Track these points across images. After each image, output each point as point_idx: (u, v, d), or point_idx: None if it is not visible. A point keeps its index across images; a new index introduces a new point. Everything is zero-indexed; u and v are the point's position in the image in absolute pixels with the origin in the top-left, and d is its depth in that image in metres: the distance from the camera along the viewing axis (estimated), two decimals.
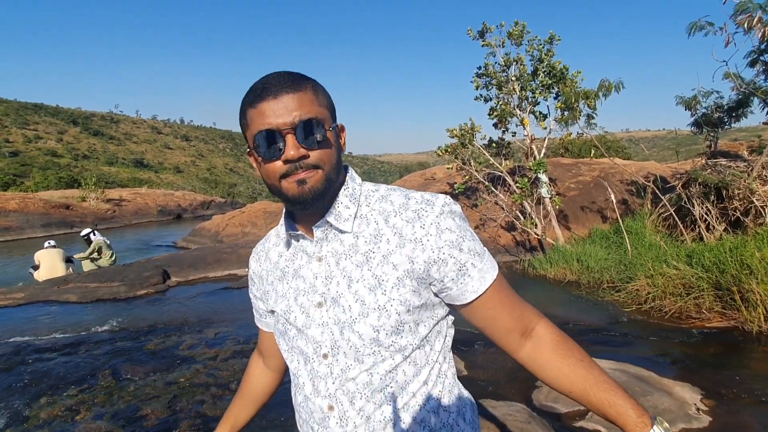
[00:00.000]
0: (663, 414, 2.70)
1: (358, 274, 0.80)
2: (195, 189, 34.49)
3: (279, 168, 0.76)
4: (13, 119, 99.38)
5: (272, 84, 0.75)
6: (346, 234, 0.83)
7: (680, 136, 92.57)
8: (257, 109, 0.75)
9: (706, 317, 4.29)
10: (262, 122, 0.75)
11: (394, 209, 0.83)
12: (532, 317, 0.86)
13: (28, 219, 15.98)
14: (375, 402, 0.81)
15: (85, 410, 3.10)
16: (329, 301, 0.82)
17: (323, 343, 0.83)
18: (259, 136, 0.75)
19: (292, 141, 0.74)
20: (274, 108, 0.74)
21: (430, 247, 0.79)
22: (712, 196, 5.88)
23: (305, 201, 0.78)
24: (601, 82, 6.35)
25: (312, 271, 0.85)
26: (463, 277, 0.81)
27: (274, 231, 0.97)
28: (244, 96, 0.79)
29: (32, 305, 5.85)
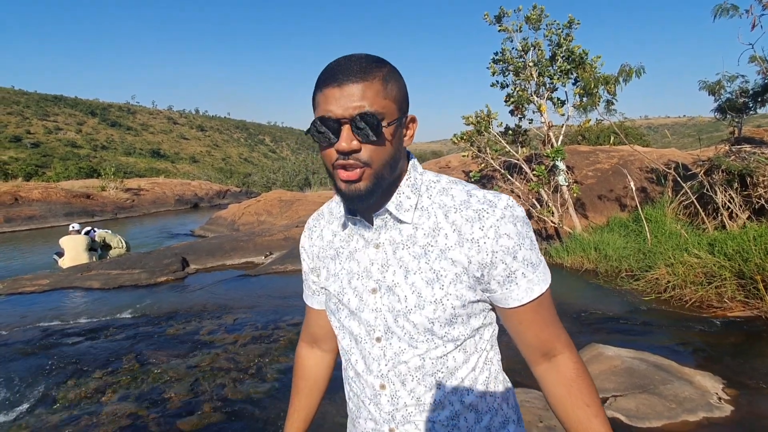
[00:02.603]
0: (684, 403, 2.67)
1: (416, 266, 0.82)
2: (211, 178, 34.83)
3: (331, 156, 0.77)
4: (34, 111, 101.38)
5: (341, 70, 0.75)
6: (405, 224, 0.84)
7: (702, 123, 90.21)
8: (323, 93, 0.76)
9: (727, 306, 4.21)
10: (324, 108, 0.75)
11: (454, 205, 0.83)
12: (558, 345, 0.85)
13: (50, 208, 16.36)
14: (425, 385, 0.84)
15: (110, 392, 3.20)
16: (384, 288, 0.84)
17: (376, 327, 0.85)
18: (317, 122, 0.76)
19: (347, 132, 0.74)
20: (337, 96, 0.74)
21: (485, 250, 0.79)
22: (735, 184, 5.74)
23: (351, 199, 0.79)
24: (622, 67, 6.21)
25: (368, 256, 0.86)
26: (510, 284, 0.81)
27: (327, 208, 0.98)
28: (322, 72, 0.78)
29: (57, 291, 6.02)
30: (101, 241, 8.07)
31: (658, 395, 2.75)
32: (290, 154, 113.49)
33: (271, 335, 4.15)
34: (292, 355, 3.74)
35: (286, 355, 3.75)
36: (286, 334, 4.16)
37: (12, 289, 6.03)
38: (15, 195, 16.17)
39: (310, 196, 14.37)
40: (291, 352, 3.81)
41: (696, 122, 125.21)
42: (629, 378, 2.94)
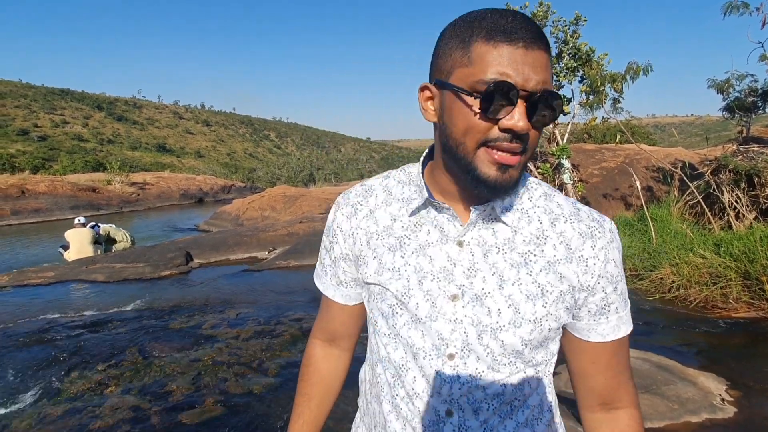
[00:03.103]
0: (686, 403, 2.66)
1: (514, 276, 0.69)
2: (216, 173, 34.95)
3: (486, 130, 0.62)
4: (41, 104, 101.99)
5: (523, 28, 0.60)
6: (503, 225, 0.71)
7: (709, 122, 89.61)
8: (498, 49, 0.59)
9: (732, 307, 4.18)
10: (498, 69, 0.59)
11: (563, 214, 0.73)
12: (625, 397, 0.77)
13: (56, 201, 16.46)
14: (500, 415, 0.73)
15: (114, 385, 3.22)
16: (469, 296, 0.70)
17: (452, 342, 0.71)
18: (494, 86, 0.58)
19: (523, 109, 0.60)
20: (523, 60, 0.59)
21: (591, 272, 0.70)
22: (742, 184, 5.68)
23: (498, 190, 0.64)
24: (629, 65, 6.16)
25: (447, 254, 0.71)
26: (601, 317, 0.73)
27: (381, 185, 0.81)
28: (467, 21, 0.63)
29: (62, 284, 6.06)
30: (106, 235, 8.13)
31: (661, 396, 2.73)
32: (295, 149, 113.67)
33: (274, 330, 4.16)
34: (294, 350, 3.75)
35: (288, 350, 3.76)
36: (288, 329, 4.17)
37: (18, 281, 6.08)
38: (22, 188, 16.29)
39: (314, 191, 14.39)
40: (293, 347, 3.82)
41: (704, 121, 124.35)
42: None
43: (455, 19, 0.67)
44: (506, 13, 0.62)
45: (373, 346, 0.81)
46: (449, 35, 0.65)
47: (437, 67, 0.67)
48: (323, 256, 0.88)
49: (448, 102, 0.65)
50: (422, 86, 0.70)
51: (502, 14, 0.61)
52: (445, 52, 0.65)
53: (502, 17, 0.61)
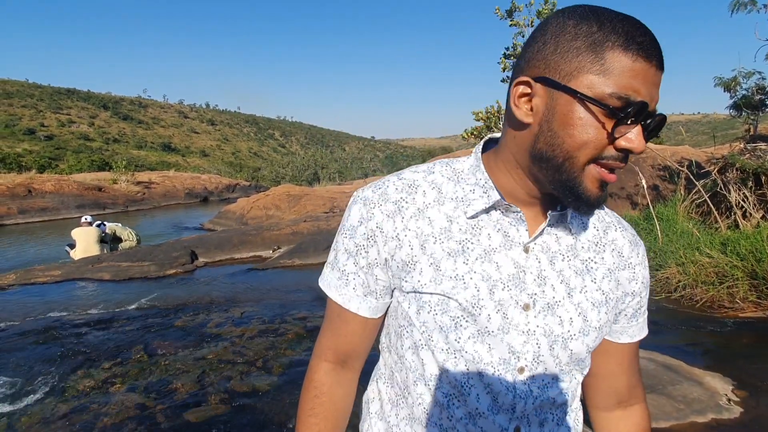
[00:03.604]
0: (692, 404, 2.64)
1: (580, 283, 0.68)
2: (220, 172, 35.06)
3: (601, 147, 0.58)
4: (48, 104, 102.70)
5: (656, 46, 0.56)
6: (565, 232, 0.70)
7: (716, 120, 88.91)
8: (634, 63, 0.55)
9: (739, 307, 4.15)
10: (636, 87, 0.55)
11: (612, 222, 0.74)
12: (640, 393, 0.81)
13: (63, 200, 16.58)
14: (559, 423, 0.72)
15: (119, 383, 3.24)
16: (540, 305, 0.67)
17: (523, 355, 0.67)
18: (634, 105, 0.55)
19: (641, 130, 0.57)
20: (653, 80, 0.56)
21: (637, 278, 0.74)
22: (750, 182, 5.64)
23: (593, 206, 0.62)
24: None
25: (514, 260, 0.67)
26: (634, 319, 0.76)
27: (425, 180, 0.72)
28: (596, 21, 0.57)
29: (68, 282, 6.11)
30: (112, 233, 8.17)
31: (667, 396, 2.72)
32: (299, 148, 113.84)
33: (278, 329, 4.18)
34: (298, 349, 3.76)
35: (293, 348, 3.77)
36: (293, 327, 4.18)
37: (25, 279, 6.13)
38: (29, 187, 16.41)
39: (319, 190, 14.41)
40: (298, 345, 3.83)
41: (710, 119, 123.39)
42: None
43: (574, 12, 0.59)
44: (637, 23, 0.57)
45: (410, 364, 0.72)
46: (573, 33, 0.57)
47: (550, 64, 0.59)
48: (344, 262, 0.73)
49: (564, 108, 0.58)
50: (521, 80, 0.62)
51: (634, 24, 0.56)
52: (568, 51, 0.57)
53: (635, 27, 0.56)
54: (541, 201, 0.68)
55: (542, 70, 0.59)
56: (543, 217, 0.69)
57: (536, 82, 0.60)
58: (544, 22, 0.62)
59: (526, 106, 0.62)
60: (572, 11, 0.59)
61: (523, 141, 0.63)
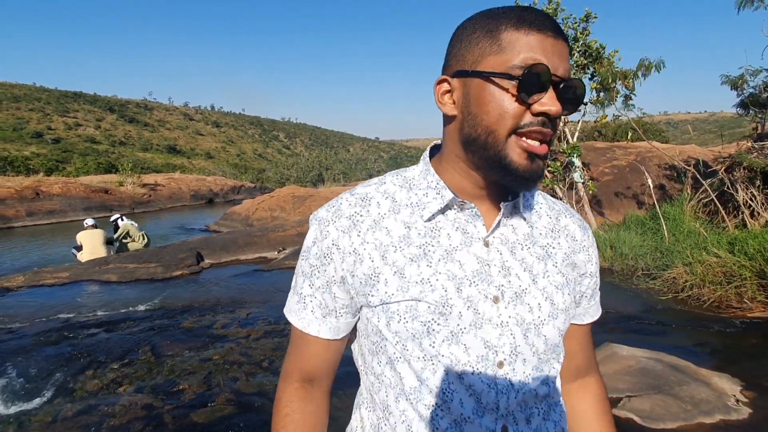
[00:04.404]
0: (700, 404, 2.62)
1: (542, 269, 0.70)
2: (226, 174, 35.21)
3: (520, 115, 0.61)
4: (55, 107, 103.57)
5: (548, 20, 0.61)
6: (521, 221, 0.72)
7: (723, 119, 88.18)
8: (528, 37, 0.59)
9: (747, 307, 4.11)
10: (533, 56, 0.59)
11: (561, 209, 0.79)
12: (593, 364, 0.87)
13: (70, 203, 16.71)
14: (545, 417, 0.71)
15: (126, 383, 3.26)
16: (509, 296, 0.67)
17: (500, 348, 0.66)
18: (530, 69, 0.58)
19: (554, 94, 0.60)
20: (552, 49, 0.60)
21: (591, 260, 0.79)
22: (757, 181, 5.59)
23: (527, 180, 0.63)
24: (641, 61, 6.09)
25: (476, 256, 0.68)
26: (593, 299, 0.82)
27: (377, 191, 0.73)
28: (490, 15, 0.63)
29: (76, 284, 6.15)
30: (125, 232, 8.14)
31: (674, 396, 2.70)
32: (304, 150, 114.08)
33: (284, 330, 4.19)
34: None
35: None
36: None
37: (33, 281, 6.18)
38: (36, 189, 16.56)
39: (323, 191, 14.44)
40: None
41: (717, 118, 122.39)
42: (644, 378, 2.90)
43: (472, 16, 0.66)
44: (528, 8, 0.63)
45: (389, 380, 0.70)
46: (471, 28, 0.64)
47: (459, 58, 0.65)
48: (301, 285, 0.74)
49: (476, 90, 0.63)
50: (440, 79, 0.67)
51: (525, 8, 0.62)
52: (469, 43, 0.63)
53: (525, 10, 0.62)
54: (492, 194, 0.70)
55: (455, 66, 0.66)
56: (497, 210, 0.71)
57: (453, 77, 0.66)
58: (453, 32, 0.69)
59: (450, 101, 0.67)
60: (471, 16, 0.67)
61: (454, 132, 0.68)
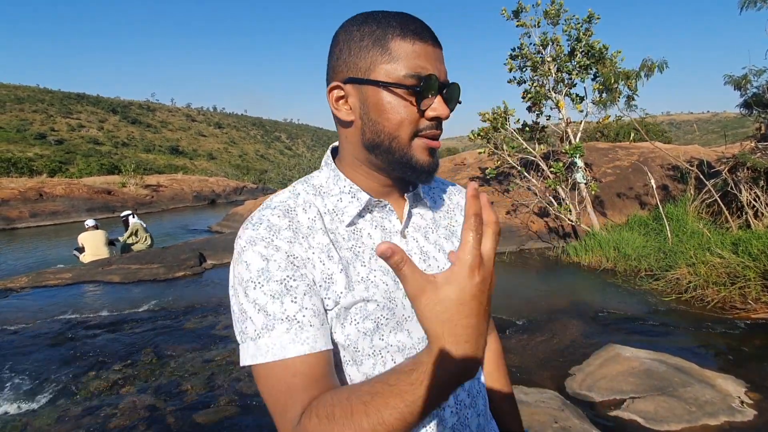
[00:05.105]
0: (704, 406, 2.61)
1: (451, 247, 0.77)
2: (228, 175, 35.25)
3: (415, 121, 0.66)
4: (58, 109, 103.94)
5: (426, 29, 0.67)
6: (424, 208, 0.78)
7: (727, 119, 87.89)
8: (414, 46, 0.64)
9: (752, 308, 4.09)
10: (417, 64, 0.64)
11: (452, 189, 0.87)
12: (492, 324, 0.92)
13: (73, 204, 16.76)
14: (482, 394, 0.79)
15: (129, 384, 3.27)
16: None
17: None
18: (425, 78, 0.64)
19: (441, 99, 0.67)
20: (432, 55, 0.66)
21: None
22: (761, 181, 5.57)
23: (430, 173, 0.69)
24: (644, 62, 6.06)
25: None
26: None
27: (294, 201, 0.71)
28: (374, 21, 0.67)
29: (79, 285, 6.17)
30: (133, 230, 8.13)
31: (678, 398, 2.69)
32: (306, 150, 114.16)
33: None
34: None
35: None
36: None
37: (36, 282, 6.20)
38: (40, 191, 16.62)
39: None
40: None
41: (720, 118, 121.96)
42: (647, 380, 2.88)
43: (353, 21, 0.68)
44: (406, 15, 0.67)
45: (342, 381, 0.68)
46: (359, 36, 0.66)
47: (350, 65, 0.67)
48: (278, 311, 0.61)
49: (374, 99, 0.66)
50: (333, 86, 0.68)
51: (404, 16, 0.67)
52: (360, 50, 0.66)
53: (405, 18, 0.66)
54: (395, 189, 0.74)
55: (345, 72, 0.67)
56: (402, 201, 0.75)
57: (345, 83, 0.68)
58: (334, 36, 0.70)
59: (346, 107, 0.69)
60: (353, 20, 0.68)
61: (353, 137, 0.70)
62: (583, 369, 3.15)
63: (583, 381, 3.00)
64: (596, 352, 3.35)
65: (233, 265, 0.66)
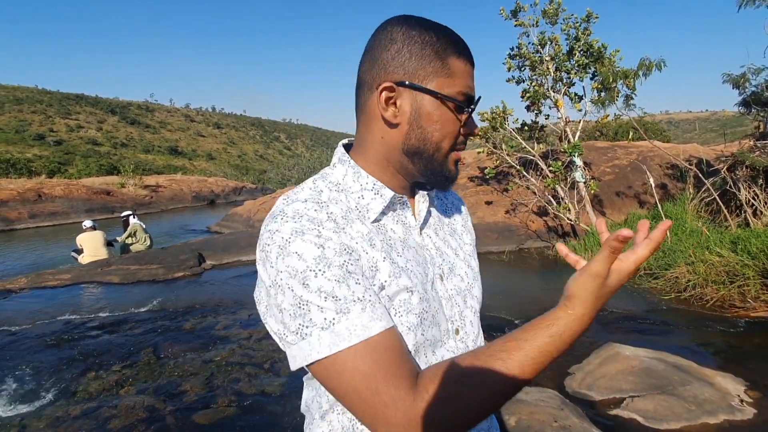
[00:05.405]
0: (703, 404, 2.61)
1: (457, 242, 0.83)
2: (227, 175, 35.26)
3: (457, 135, 0.71)
4: (57, 109, 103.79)
5: (469, 50, 0.72)
6: (432, 207, 0.82)
7: (725, 118, 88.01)
8: (466, 66, 0.70)
9: (751, 306, 4.10)
10: (467, 84, 0.70)
11: None
12: None
13: (72, 204, 16.73)
14: None
15: (129, 385, 3.26)
16: (446, 271, 0.77)
17: (453, 318, 0.75)
18: (473, 99, 0.71)
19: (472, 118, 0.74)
20: (473, 77, 0.72)
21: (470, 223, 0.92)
22: (760, 180, 5.57)
23: (453, 182, 0.75)
24: (642, 61, 6.06)
25: (417, 243, 0.75)
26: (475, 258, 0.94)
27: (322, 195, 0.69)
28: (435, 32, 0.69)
29: (78, 286, 6.16)
30: (132, 231, 8.12)
31: (677, 396, 2.69)
32: (305, 150, 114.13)
33: None
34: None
35: None
36: None
37: (36, 283, 6.19)
38: (39, 192, 16.59)
39: None
40: None
41: (719, 117, 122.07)
42: (647, 378, 2.89)
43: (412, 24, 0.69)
44: (456, 34, 0.71)
45: None
46: (420, 42, 0.67)
47: (407, 70, 0.67)
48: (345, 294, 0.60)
49: (428, 108, 0.68)
50: (387, 86, 0.67)
51: (455, 34, 0.71)
52: (422, 58, 0.67)
53: (458, 38, 0.70)
54: (411, 188, 0.78)
55: (401, 75, 0.68)
56: (412, 199, 0.79)
57: (398, 86, 0.68)
58: (385, 30, 0.70)
59: (393, 108, 0.69)
60: (411, 23, 0.69)
61: (393, 140, 0.70)
62: (583, 368, 3.15)
63: (583, 380, 3.00)
64: (596, 350, 3.35)
65: (275, 261, 0.61)
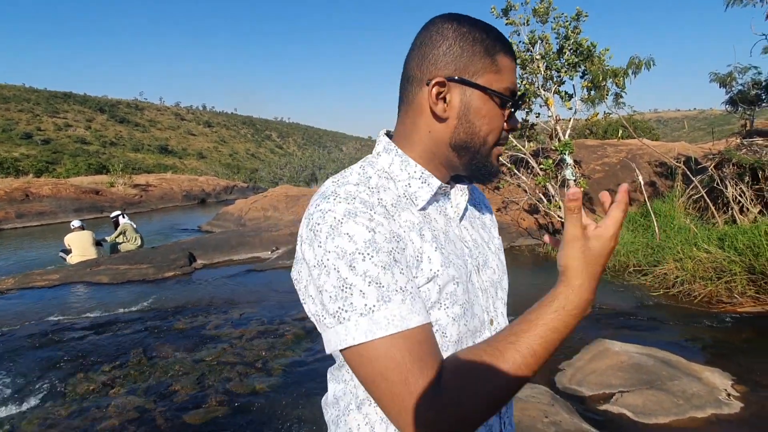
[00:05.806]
0: (691, 399, 2.65)
1: (487, 237, 0.84)
2: (218, 174, 35.01)
3: (501, 130, 0.72)
4: (44, 108, 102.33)
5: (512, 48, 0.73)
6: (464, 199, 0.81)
7: (713, 116, 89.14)
8: (511, 64, 0.71)
9: (738, 302, 4.16)
10: (515, 81, 0.72)
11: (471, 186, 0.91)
12: None
13: (60, 204, 16.52)
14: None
15: (118, 386, 3.23)
16: (481, 263, 0.78)
17: (488, 309, 0.77)
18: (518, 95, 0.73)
19: None
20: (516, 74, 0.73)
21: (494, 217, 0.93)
22: (746, 177, 5.65)
23: (495, 177, 0.76)
24: (631, 59, 6.12)
25: (456, 234, 0.76)
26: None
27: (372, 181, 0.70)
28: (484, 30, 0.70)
29: (67, 286, 6.09)
30: (122, 231, 8.03)
31: (666, 391, 2.72)
32: (297, 149, 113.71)
33: (277, 330, 4.17)
34: (297, 350, 3.75)
35: (292, 349, 3.76)
36: (292, 328, 4.18)
37: (23, 283, 6.11)
38: (26, 191, 16.36)
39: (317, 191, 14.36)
40: (297, 346, 3.82)
41: (707, 115, 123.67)
42: (636, 374, 2.92)
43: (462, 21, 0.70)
44: (500, 31, 0.72)
45: None
46: (471, 38, 0.69)
47: (459, 65, 0.68)
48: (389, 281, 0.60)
49: (477, 102, 0.69)
50: (439, 81, 0.68)
51: (498, 31, 0.72)
52: (473, 55, 0.69)
53: (503, 36, 0.72)
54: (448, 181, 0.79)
55: (453, 70, 0.69)
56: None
57: (449, 81, 0.69)
58: (435, 27, 0.71)
59: (442, 103, 0.70)
60: (461, 20, 0.70)
61: (441, 134, 0.71)
62: (573, 364, 3.18)
63: (573, 376, 3.02)
64: (586, 346, 3.38)
65: (324, 240, 0.61)
